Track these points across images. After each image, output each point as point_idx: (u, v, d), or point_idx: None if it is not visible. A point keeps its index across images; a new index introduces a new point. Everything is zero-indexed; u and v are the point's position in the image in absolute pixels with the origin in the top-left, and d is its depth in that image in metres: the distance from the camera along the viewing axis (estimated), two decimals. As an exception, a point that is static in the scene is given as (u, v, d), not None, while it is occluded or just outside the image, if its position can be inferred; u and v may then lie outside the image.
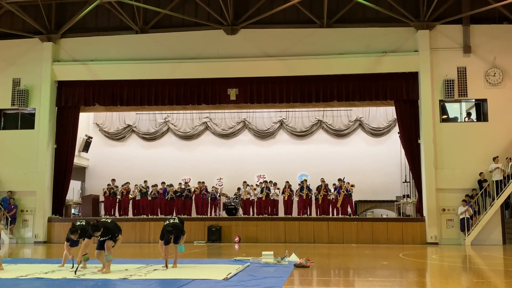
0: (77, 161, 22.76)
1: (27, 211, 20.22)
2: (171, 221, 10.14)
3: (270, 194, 20.79)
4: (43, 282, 8.03)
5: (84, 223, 10.11)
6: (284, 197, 20.71)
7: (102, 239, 9.43)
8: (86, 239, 9.56)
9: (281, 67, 19.86)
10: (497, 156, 18.41)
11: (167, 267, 9.78)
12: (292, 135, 24.50)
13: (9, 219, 19.59)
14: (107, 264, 9.28)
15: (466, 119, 19.81)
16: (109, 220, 9.88)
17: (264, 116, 24.62)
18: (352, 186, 20.39)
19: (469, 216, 18.19)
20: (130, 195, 21.32)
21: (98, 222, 9.47)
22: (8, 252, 15.13)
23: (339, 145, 24.15)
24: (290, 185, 20.91)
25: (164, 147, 25.08)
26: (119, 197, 21.32)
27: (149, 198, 21.09)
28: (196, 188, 21.32)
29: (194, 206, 21.30)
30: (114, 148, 25.23)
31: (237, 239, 19.30)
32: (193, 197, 21.25)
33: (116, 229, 9.74)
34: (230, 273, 8.75)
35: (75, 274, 8.75)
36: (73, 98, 20.85)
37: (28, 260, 12.08)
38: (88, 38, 20.97)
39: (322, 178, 20.86)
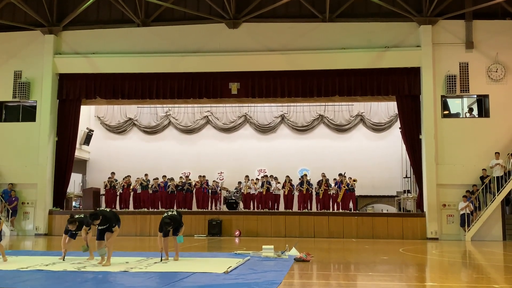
0: (78, 154, 22.78)
1: (28, 203, 20.25)
2: (169, 213, 10.23)
3: (271, 189, 20.80)
4: (43, 274, 8.06)
5: (82, 216, 10.25)
6: (284, 192, 20.72)
7: (100, 227, 9.52)
8: (84, 226, 9.76)
9: (283, 61, 19.83)
10: (498, 152, 18.38)
11: (161, 260, 9.83)
12: (293, 130, 24.49)
13: (10, 211, 19.63)
14: (104, 257, 9.38)
15: (468, 115, 19.77)
16: (108, 209, 10.00)
17: (265, 110, 24.60)
18: (355, 181, 20.38)
19: (469, 212, 18.20)
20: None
21: (97, 210, 9.62)
22: (9, 244, 15.16)
23: (340, 140, 24.15)
24: (291, 180, 20.92)
25: (165, 141, 25.09)
26: (120, 190, 21.34)
27: (150, 191, 21.12)
28: (197, 182, 21.33)
29: (195, 200, 21.32)
30: (115, 141, 25.24)
31: (237, 233, 19.33)
32: (194, 191, 21.26)
33: (114, 219, 9.79)
34: (231, 266, 8.77)
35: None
36: (74, 91, 20.84)
37: (29, 252, 12.13)
38: (90, 31, 20.92)
39: (323, 173, 20.87)
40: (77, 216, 10.16)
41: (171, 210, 10.60)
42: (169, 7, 20.23)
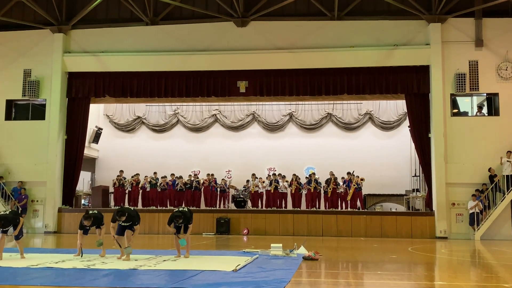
0: (87, 152, 22.86)
1: (37, 201, 20.36)
2: (180, 209, 10.49)
3: (279, 187, 20.80)
4: (53, 271, 8.11)
5: (96, 212, 10.62)
6: (291, 190, 20.72)
7: (124, 224, 9.87)
8: (111, 222, 10.03)
9: (291, 60, 19.80)
10: (510, 151, 18.24)
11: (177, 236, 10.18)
12: (301, 128, 24.45)
13: (20, 209, 19.73)
14: (129, 255, 9.76)
15: (478, 113, 19.66)
16: (132, 208, 10.36)
17: (273, 108, 24.58)
18: (362, 179, 20.34)
19: (479, 211, 18.10)
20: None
21: (122, 208, 9.95)
22: (14, 242, 15.23)
23: (349, 139, 24.08)
24: (298, 178, 20.91)
25: (174, 139, 25.14)
26: (128, 188, 21.44)
27: (159, 189, 21.19)
28: (205, 180, 21.37)
29: (203, 198, 21.37)
30: (124, 140, 25.33)
31: (245, 231, 19.35)
32: (202, 189, 21.30)
33: (137, 217, 10.22)
34: (239, 264, 8.78)
35: (120, 247, 9.58)
36: (83, 89, 20.94)
37: (38, 250, 12.20)
38: (99, 29, 21.00)
39: (331, 172, 20.84)
40: (91, 211, 10.48)
41: (182, 207, 10.79)
42: (178, 5, 20.27)
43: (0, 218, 9.89)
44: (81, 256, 10.04)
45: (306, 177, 21.21)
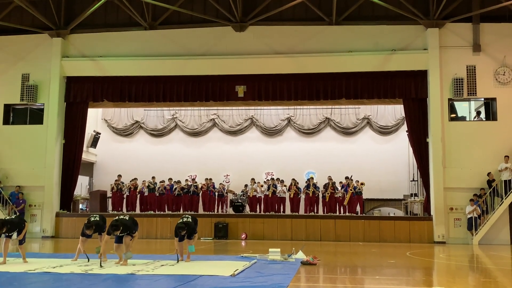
0: (85, 156, 22.85)
1: (35, 206, 20.31)
2: (185, 219, 10.47)
3: (277, 192, 20.79)
4: (51, 276, 8.09)
5: (98, 218, 10.56)
6: (290, 195, 20.71)
7: (121, 234, 9.84)
8: (106, 235, 9.96)
9: (290, 64, 19.84)
10: (508, 156, 18.27)
11: (178, 261, 10.13)
12: (299, 133, 24.47)
13: (18, 213, 19.68)
14: (126, 260, 9.75)
15: (475, 118, 19.70)
16: (127, 217, 10.19)
17: (271, 113, 24.60)
18: (362, 184, 20.34)
19: (477, 216, 18.11)
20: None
21: (117, 221, 9.81)
22: (16, 246, 15.20)
23: (347, 143, 24.10)
24: (297, 183, 20.90)
25: (172, 144, 25.13)
26: (126, 192, 21.42)
27: (157, 194, 21.16)
28: (203, 184, 21.36)
29: (201, 203, 21.35)
30: (122, 144, 25.31)
31: (243, 236, 19.32)
32: (200, 194, 21.28)
33: (133, 225, 10.10)
34: (237, 269, 8.77)
35: (101, 266, 9.18)
36: (81, 93, 20.93)
37: (36, 255, 12.15)
38: (97, 34, 21.02)
39: (329, 176, 20.84)
40: (92, 219, 10.44)
41: (187, 216, 10.74)
42: (176, 10, 20.29)
43: (7, 222, 9.94)
44: (88, 260, 10.02)
45: (306, 182, 21.19)
